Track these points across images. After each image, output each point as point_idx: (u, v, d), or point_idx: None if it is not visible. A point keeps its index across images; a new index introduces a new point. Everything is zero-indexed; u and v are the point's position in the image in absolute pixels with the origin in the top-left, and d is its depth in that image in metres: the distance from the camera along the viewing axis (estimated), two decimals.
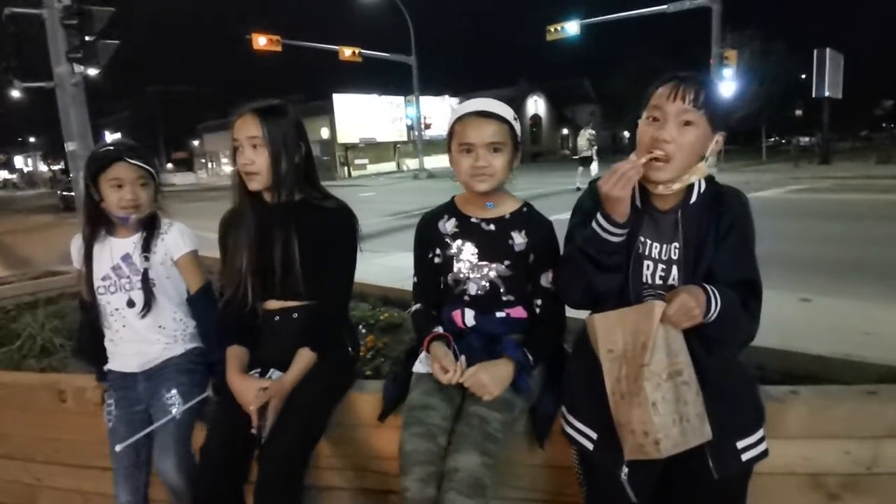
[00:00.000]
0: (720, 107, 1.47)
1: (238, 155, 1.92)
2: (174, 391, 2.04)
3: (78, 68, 8.25)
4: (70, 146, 8.46)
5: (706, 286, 1.41)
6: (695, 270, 1.50)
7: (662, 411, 1.35)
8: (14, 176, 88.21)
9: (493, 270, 1.88)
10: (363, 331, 3.21)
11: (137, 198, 2.05)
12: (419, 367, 1.90)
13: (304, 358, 1.91)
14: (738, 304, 1.43)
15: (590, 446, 1.56)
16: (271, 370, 1.92)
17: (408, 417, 1.74)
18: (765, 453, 1.50)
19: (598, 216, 1.49)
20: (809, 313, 3.22)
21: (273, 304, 2.01)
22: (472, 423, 1.67)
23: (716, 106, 1.45)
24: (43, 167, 73.62)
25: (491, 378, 1.69)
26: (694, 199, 1.54)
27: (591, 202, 1.62)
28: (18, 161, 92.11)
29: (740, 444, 1.47)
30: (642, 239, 1.56)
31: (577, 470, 1.70)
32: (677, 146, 1.44)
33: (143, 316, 2.07)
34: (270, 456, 1.77)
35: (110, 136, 63.46)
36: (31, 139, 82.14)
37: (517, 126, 1.84)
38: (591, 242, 1.50)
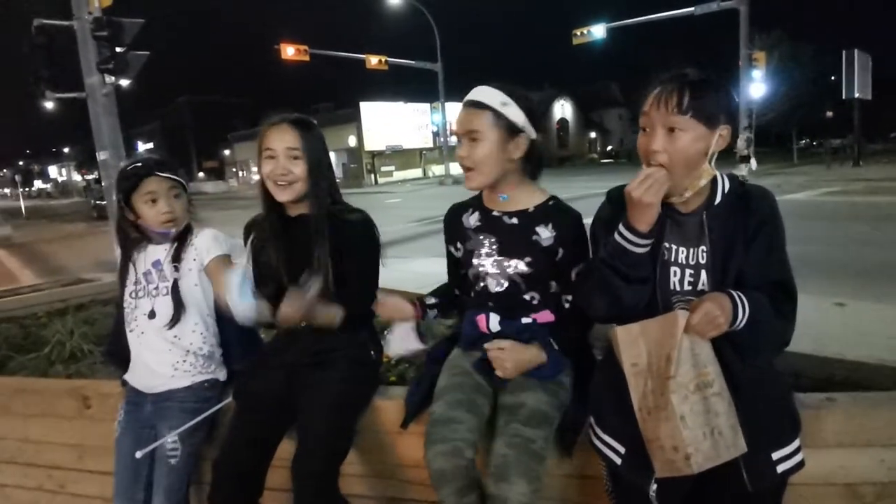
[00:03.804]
0: (711, 103, 1.37)
1: (269, 164, 1.89)
2: (176, 438, 1.97)
3: (109, 79, 8.40)
4: (102, 156, 8.61)
5: (732, 292, 1.34)
6: (724, 274, 1.42)
7: (691, 424, 1.28)
8: (48, 185, 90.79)
9: (511, 267, 1.82)
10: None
11: (173, 210, 2.05)
12: (394, 346, 1.92)
13: (337, 308, 1.87)
14: (769, 308, 1.35)
15: (618, 461, 1.50)
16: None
17: (431, 433, 1.66)
18: (801, 464, 1.43)
19: (621, 227, 1.42)
20: (844, 318, 3.12)
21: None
22: (515, 444, 1.57)
23: (704, 104, 1.35)
24: (77, 177, 75.50)
25: (513, 355, 1.72)
26: (719, 199, 1.46)
27: (609, 211, 1.57)
28: (53, 171, 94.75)
29: (776, 456, 1.40)
30: (667, 245, 1.48)
31: (607, 482, 1.64)
32: (669, 155, 1.37)
33: (171, 327, 2.04)
34: (304, 462, 1.76)
35: (142, 146, 65.03)
36: (65, 149, 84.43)
37: (507, 111, 1.72)
38: (615, 254, 1.43)
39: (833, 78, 26.62)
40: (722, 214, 1.45)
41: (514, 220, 1.84)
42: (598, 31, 23.65)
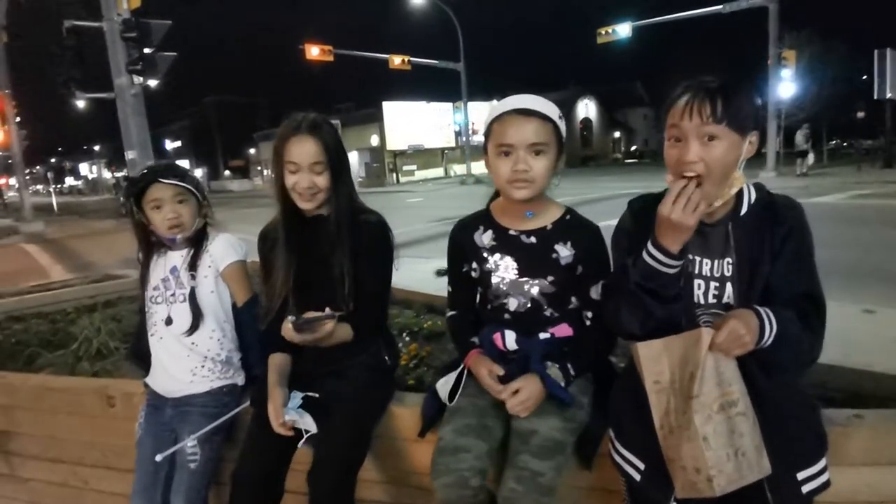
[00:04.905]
0: (744, 110, 1.34)
1: (293, 177, 1.86)
2: (195, 443, 1.99)
3: (137, 79, 8.58)
4: (130, 154, 8.80)
5: (759, 309, 1.30)
6: (750, 287, 1.39)
7: (714, 445, 1.25)
8: (79, 182, 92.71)
9: (534, 287, 1.76)
10: (407, 338, 3.18)
11: (178, 215, 2.05)
12: (442, 384, 1.81)
13: (344, 328, 1.85)
14: (797, 324, 1.31)
15: (637, 477, 1.48)
16: (293, 392, 1.85)
17: (437, 463, 1.63)
18: (827, 484, 1.39)
19: (651, 248, 1.37)
20: (873, 325, 3.03)
21: (312, 314, 2.00)
22: (524, 478, 1.53)
23: (738, 111, 1.33)
24: (107, 174, 76.80)
25: (531, 394, 1.64)
26: (745, 209, 1.43)
27: (631, 221, 1.54)
28: (84, 168, 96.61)
29: (801, 476, 1.36)
30: (690, 256, 1.45)
31: (626, 497, 1.62)
32: (706, 164, 1.33)
33: (189, 334, 2.06)
34: (321, 470, 1.76)
35: (170, 145, 65.94)
36: (96, 147, 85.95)
37: (562, 125, 1.69)
38: (646, 276, 1.38)
39: (865, 77, 26.05)
40: (748, 225, 1.42)
41: (533, 240, 1.77)
42: (623, 29, 23.37)
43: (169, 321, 2.09)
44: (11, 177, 31.06)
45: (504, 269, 1.79)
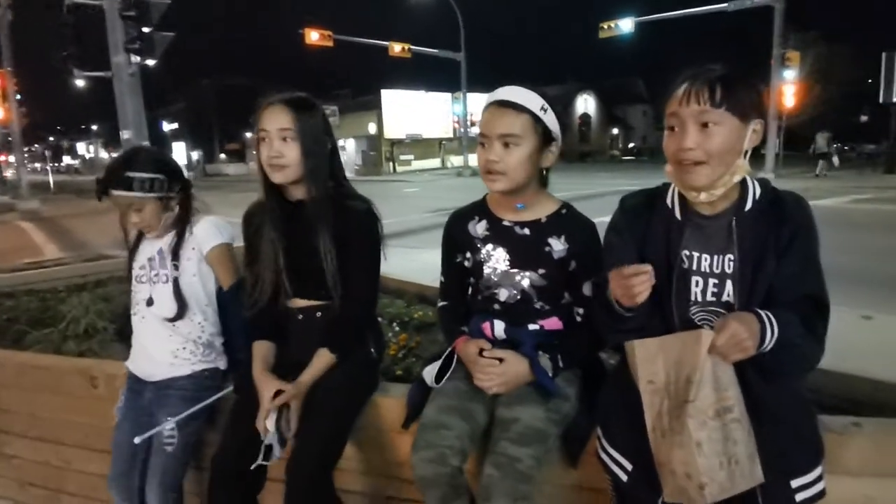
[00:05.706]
0: (744, 95, 1.30)
1: (264, 146, 1.83)
2: (174, 426, 1.95)
3: (134, 59, 8.52)
4: (125, 134, 8.77)
5: (760, 312, 1.25)
6: (752, 286, 1.34)
7: (708, 452, 1.20)
8: (76, 162, 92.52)
9: (525, 279, 1.74)
10: (397, 328, 3.15)
11: (141, 220, 1.99)
12: (429, 369, 1.79)
13: (323, 359, 1.85)
14: (800, 329, 1.26)
15: (624, 477, 1.44)
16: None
17: (418, 438, 1.62)
18: (821, 493, 1.35)
19: (610, 295, 1.36)
20: (871, 331, 3.02)
21: (297, 303, 1.96)
22: (501, 463, 1.51)
23: (738, 96, 1.28)
24: (104, 154, 76.50)
25: (506, 373, 1.63)
26: (749, 205, 1.38)
27: (623, 220, 1.52)
28: (81, 147, 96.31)
29: (795, 484, 1.32)
30: (687, 252, 1.40)
31: (612, 496, 1.58)
32: (704, 151, 1.29)
33: (173, 321, 2.03)
34: (299, 463, 1.72)
35: (167, 126, 65.60)
36: (94, 127, 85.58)
37: (546, 117, 1.65)
38: (606, 310, 1.39)
39: (870, 81, 26.00)
40: (752, 220, 1.37)
41: (526, 231, 1.76)
42: (625, 24, 23.28)
43: (150, 302, 2.05)
44: (10, 154, 30.92)
45: (496, 259, 1.78)
